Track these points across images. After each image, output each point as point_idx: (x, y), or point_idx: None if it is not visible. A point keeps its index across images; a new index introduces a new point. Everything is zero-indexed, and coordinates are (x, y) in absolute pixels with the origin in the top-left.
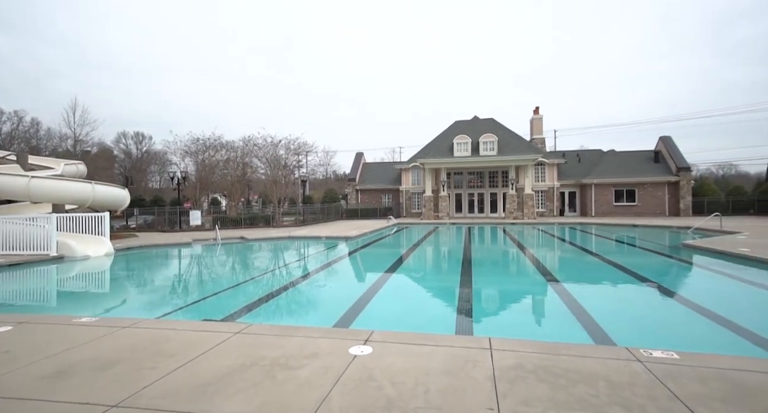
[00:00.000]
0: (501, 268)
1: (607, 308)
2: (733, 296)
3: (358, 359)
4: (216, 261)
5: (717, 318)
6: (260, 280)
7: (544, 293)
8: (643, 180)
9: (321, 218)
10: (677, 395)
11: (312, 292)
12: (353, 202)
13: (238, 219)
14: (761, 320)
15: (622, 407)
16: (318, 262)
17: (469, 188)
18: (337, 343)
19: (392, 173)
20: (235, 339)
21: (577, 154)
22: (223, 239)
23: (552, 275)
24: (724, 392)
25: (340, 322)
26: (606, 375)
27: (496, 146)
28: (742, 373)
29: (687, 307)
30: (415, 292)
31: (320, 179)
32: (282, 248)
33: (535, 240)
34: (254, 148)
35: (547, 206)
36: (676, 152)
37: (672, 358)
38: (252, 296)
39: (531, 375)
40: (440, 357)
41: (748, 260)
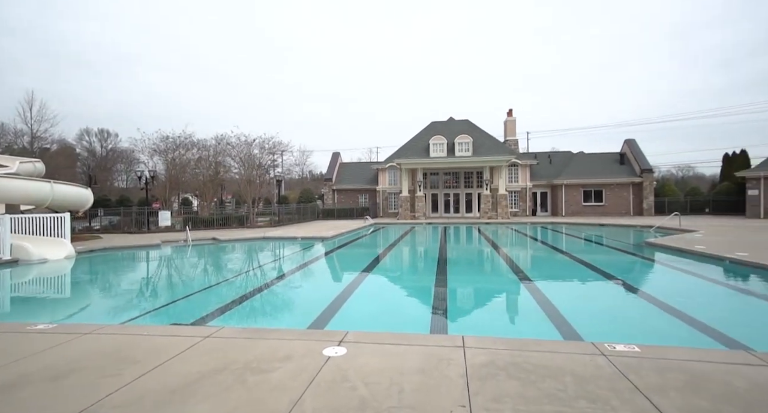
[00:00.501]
0: (475, 267)
1: (575, 304)
2: (690, 291)
3: (332, 360)
4: (186, 263)
5: (675, 312)
6: (233, 282)
7: (516, 291)
8: (609, 181)
9: (297, 218)
10: (638, 386)
11: (287, 293)
12: (330, 202)
13: (210, 220)
14: (715, 313)
15: (587, 400)
16: (293, 263)
17: (445, 188)
18: (311, 345)
19: (369, 173)
20: (205, 343)
21: (548, 155)
22: (194, 240)
23: (524, 274)
24: (680, 382)
25: (315, 323)
26: (573, 370)
27: (471, 146)
28: (697, 364)
29: (649, 302)
30: (391, 292)
31: (296, 179)
32: (256, 249)
33: (509, 240)
34: (227, 147)
35: (520, 206)
36: (639, 154)
37: (634, 351)
38: (224, 299)
39: (502, 371)
40: (414, 356)
41: (704, 256)
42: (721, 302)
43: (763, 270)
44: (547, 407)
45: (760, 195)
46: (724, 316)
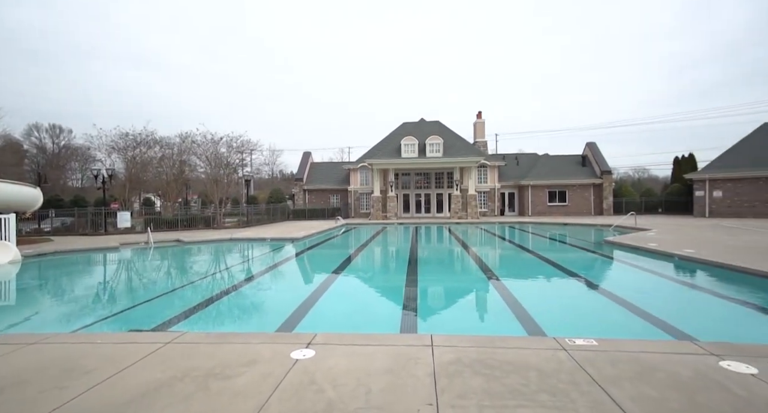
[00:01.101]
0: (445, 267)
1: (540, 301)
2: (644, 286)
3: (299, 363)
4: (148, 266)
5: (630, 306)
6: (198, 285)
7: (485, 289)
8: (572, 182)
9: (266, 218)
10: (595, 378)
11: (255, 296)
12: (300, 202)
13: (174, 221)
14: (665, 306)
15: (549, 393)
16: (262, 265)
17: (417, 188)
18: (278, 348)
19: (341, 174)
20: (166, 350)
21: (515, 157)
22: (156, 242)
23: (492, 272)
24: (632, 372)
25: (283, 326)
26: (536, 365)
27: (442, 147)
28: (648, 355)
29: (607, 298)
30: (362, 292)
31: (266, 179)
32: (223, 250)
33: (478, 239)
34: (192, 145)
35: (489, 206)
36: (600, 156)
37: (592, 345)
38: (188, 303)
39: (468, 368)
40: (383, 357)
41: (657, 253)
42: (670, 296)
43: (707, 266)
44: (510, 401)
45: (705, 196)
46: (673, 309)
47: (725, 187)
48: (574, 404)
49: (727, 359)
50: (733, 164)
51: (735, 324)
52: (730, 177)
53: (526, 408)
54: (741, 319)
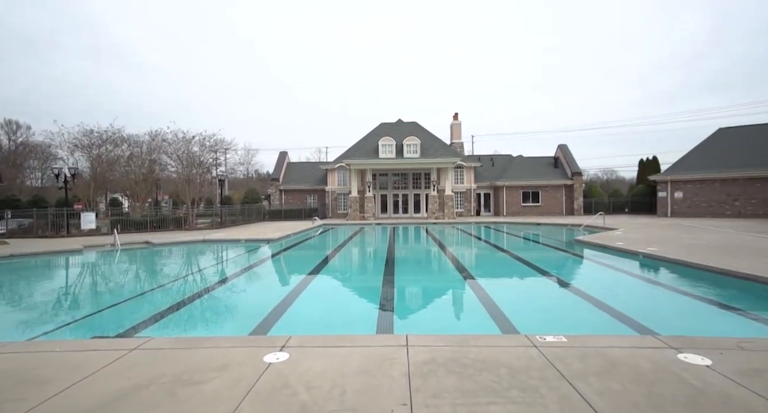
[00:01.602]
0: (422, 267)
1: (513, 299)
2: (611, 283)
3: (273, 366)
4: (114, 269)
5: (598, 303)
6: (168, 289)
7: (460, 288)
8: (545, 183)
9: (241, 219)
10: (563, 374)
11: (228, 299)
12: (277, 203)
13: (143, 222)
14: (630, 302)
15: (519, 390)
16: (236, 267)
17: (394, 189)
18: (250, 352)
19: (318, 174)
20: (131, 357)
21: (491, 158)
22: (123, 244)
23: (467, 272)
24: (598, 367)
25: (257, 329)
26: (507, 362)
27: (419, 148)
28: (613, 349)
29: (576, 295)
30: (338, 293)
31: (241, 179)
32: (195, 252)
33: (454, 239)
34: (163, 143)
35: (465, 207)
36: (571, 158)
37: (561, 341)
38: (157, 307)
39: (442, 368)
40: (358, 358)
41: (623, 252)
42: (635, 292)
43: (669, 263)
44: (482, 399)
45: (668, 197)
46: (637, 305)
47: (685, 188)
48: (543, 399)
49: (685, 352)
50: (692, 166)
51: (693, 318)
52: (689, 179)
53: (498, 404)
54: (698, 313)
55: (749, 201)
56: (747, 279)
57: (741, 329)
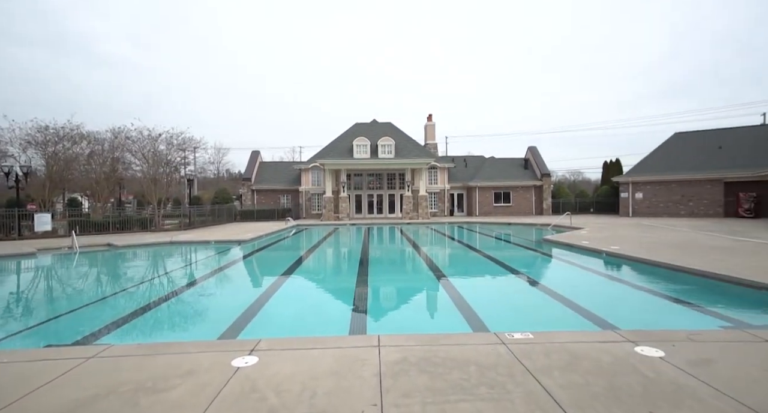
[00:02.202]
0: (396, 266)
1: (484, 298)
2: (576, 280)
3: (241, 371)
4: (71, 274)
5: (564, 300)
6: (131, 293)
7: (433, 287)
8: (516, 184)
9: (211, 220)
10: (529, 369)
11: (197, 303)
12: (249, 203)
13: (104, 223)
14: (593, 298)
15: (487, 386)
16: (205, 269)
17: (369, 189)
18: (218, 356)
19: (291, 173)
20: (89, 365)
21: (464, 159)
22: (83, 246)
23: (440, 271)
24: (562, 362)
25: (227, 333)
26: (476, 360)
27: (394, 149)
28: (576, 344)
29: (544, 292)
30: (311, 295)
31: (211, 178)
32: (162, 254)
33: (428, 239)
34: (127, 141)
35: (439, 207)
36: (540, 160)
37: (528, 338)
38: (119, 313)
39: (413, 367)
40: (330, 359)
41: (588, 250)
42: (598, 289)
43: (630, 261)
44: (452, 397)
45: (629, 197)
46: (600, 301)
47: (645, 189)
48: (510, 395)
49: (641, 344)
50: (650, 169)
51: (650, 313)
52: (649, 181)
53: (467, 402)
54: (655, 307)
55: (701, 202)
56: (698, 275)
57: (692, 321)
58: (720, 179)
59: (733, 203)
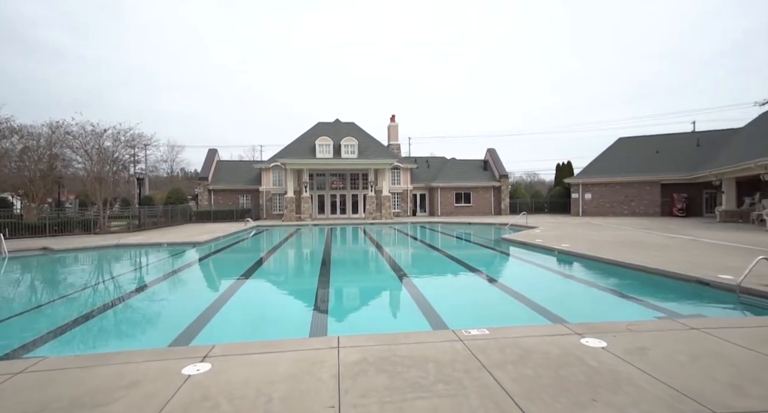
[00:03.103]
0: (358, 267)
1: (444, 296)
2: (530, 277)
3: (192, 379)
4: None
5: (519, 296)
6: (70, 300)
7: (394, 287)
8: (476, 185)
9: (164, 221)
10: (484, 364)
11: (146, 309)
12: (205, 203)
13: (40, 225)
14: (546, 294)
15: (444, 383)
16: (157, 273)
17: (332, 189)
18: (167, 365)
19: (251, 173)
20: (15, 381)
21: (426, 160)
22: (12, 251)
23: (402, 271)
24: (515, 356)
25: (178, 340)
26: (434, 357)
27: (357, 149)
28: (528, 338)
29: (501, 289)
30: (271, 298)
31: (164, 177)
32: (107, 258)
33: (391, 239)
34: (67, 137)
35: (402, 207)
36: (498, 161)
37: (484, 334)
38: (55, 322)
39: (372, 367)
40: (287, 363)
41: (542, 248)
42: (550, 284)
43: (579, 258)
44: (409, 395)
45: (579, 198)
46: (552, 296)
47: (593, 190)
48: (465, 390)
49: (587, 336)
50: (598, 171)
51: (596, 306)
52: (596, 182)
53: (424, 399)
54: (600, 301)
55: (642, 202)
56: (637, 270)
57: (632, 313)
58: (657, 181)
59: (668, 203)
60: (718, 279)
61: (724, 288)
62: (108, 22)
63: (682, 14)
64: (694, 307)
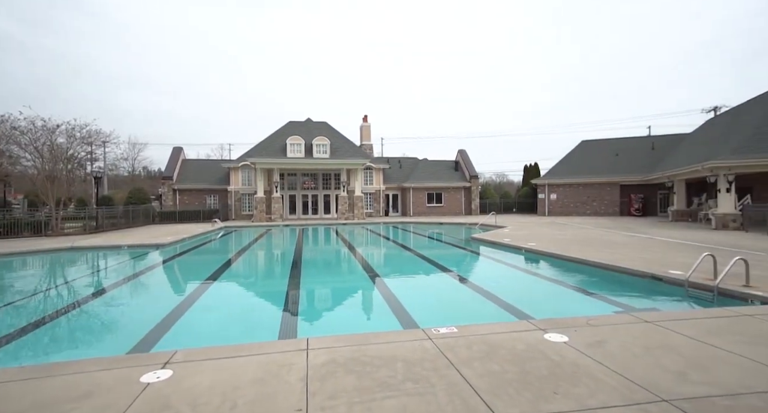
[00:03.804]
0: (329, 267)
1: (415, 295)
2: (499, 275)
3: (151, 387)
4: None
5: (488, 294)
6: (16, 308)
7: (365, 287)
8: (447, 185)
9: (124, 222)
10: (452, 362)
11: (103, 315)
12: (170, 203)
13: None
14: (513, 291)
15: (413, 381)
16: (116, 276)
17: (304, 189)
18: (124, 373)
19: (219, 172)
20: None
21: (399, 161)
22: None
23: (374, 271)
24: (482, 353)
25: (139, 346)
26: (404, 356)
27: (329, 149)
28: (495, 335)
29: (470, 288)
30: (239, 300)
31: (125, 176)
32: (61, 262)
33: (363, 239)
34: (14, 132)
35: (374, 207)
36: (469, 162)
37: (453, 332)
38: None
39: (341, 368)
40: (254, 367)
41: (510, 247)
42: (518, 282)
43: (544, 256)
44: (378, 395)
45: (545, 198)
46: (519, 293)
47: (558, 191)
48: (434, 388)
49: (550, 332)
50: (562, 172)
51: (559, 302)
52: (561, 183)
53: (393, 398)
54: (563, 297)
55: (603, 202)
56: (598, 267)
57: (592, 308)
58: (617, 183)
59: (626, 204)
60: (669, 275)
61: (674, 283)
62: (55, 9)
63: (639, 25)
64: (648, 301)
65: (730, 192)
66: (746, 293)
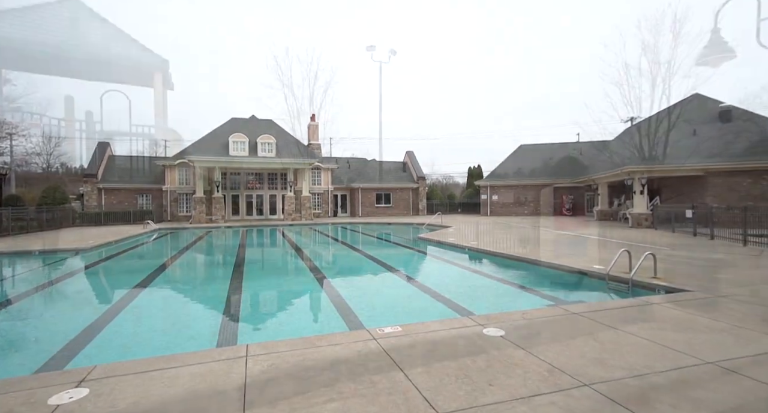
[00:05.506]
0: (274, 270)
1: (362, 295)
2: (443, 273)
3: (61, 409)
4: None
5: (432, 292)
6: None
7: (312, 289)
8: (395, 186)
9: (36, 225)
10: (396, 361)
11: (5, 332)
12: (94, 204)
13: None
14: (456, 289)
15: (356, 382)
16: (23, 287)
17: (248, 189)
18: (30, 395)
19: (153, 170)
20: None
21: (347, 161)
22: None
23: (321, 272)
24: (424, 350)
25: (49, 364)
26: (348, 358)
27: (275, 147)
28: (437, 332)
29: (416, 287)
30: (173, 308)
31: (39, 174)
32: None
33: (310, 240)
34: None
35: (322, 208)
36: (416, 164)
37: (397, 331)
38: None
39: (283, 374)
40: (186, 378)
41: (454, 246)
42: (461, 280)
43: (486, 254)
44: (321, 398)
45: (488, 199)
46: (461, 290)
47: (499, 192)
48: (376, 387)
49: (488, 327)
50: (503, 174)
51: (498, 297)
52: (501, 185)
53: (335, 401)
54: (502, 292)
55: (539, 203)
56: (533, 263)
57: (527, 302)
58: (551, 184)
59: (559, 204)
60: (593, 269)
61: (597, 277)
62: None
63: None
64: (575, 294)
65: (643, 194)
66: (654, 284)
